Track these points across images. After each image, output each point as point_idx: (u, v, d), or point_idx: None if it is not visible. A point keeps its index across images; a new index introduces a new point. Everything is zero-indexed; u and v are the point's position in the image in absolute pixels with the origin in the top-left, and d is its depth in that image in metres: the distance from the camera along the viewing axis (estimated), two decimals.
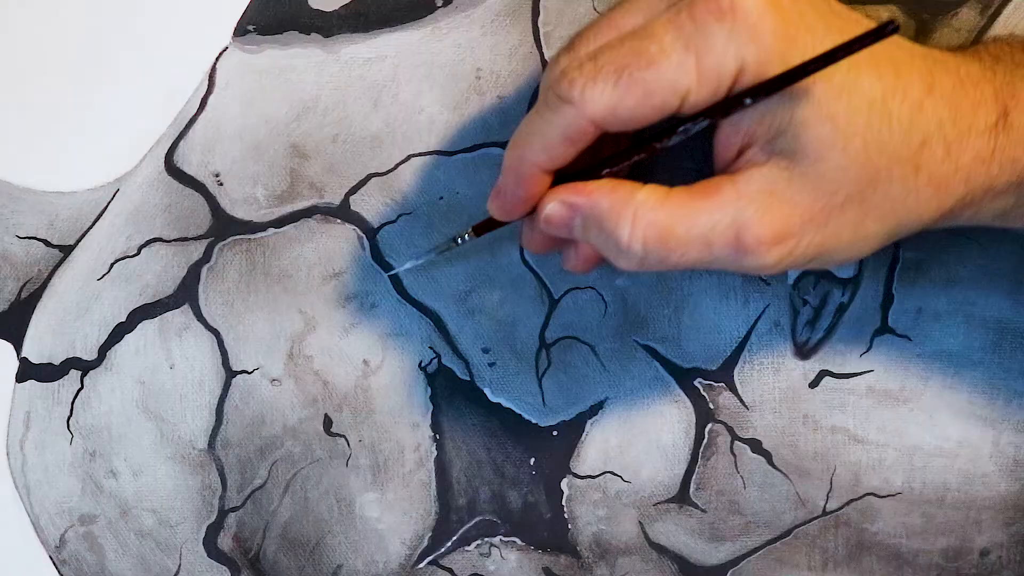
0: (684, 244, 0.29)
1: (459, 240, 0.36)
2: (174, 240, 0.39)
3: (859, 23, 0.29)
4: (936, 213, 0.30)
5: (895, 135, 0.29)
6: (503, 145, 0.38)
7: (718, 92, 0.28)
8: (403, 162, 0.38)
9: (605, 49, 0.29)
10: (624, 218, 0.30)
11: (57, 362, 0.39)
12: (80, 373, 0.39)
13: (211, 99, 0.38)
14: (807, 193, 0.29)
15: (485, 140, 0.38)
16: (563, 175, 0.32)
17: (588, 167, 0.31)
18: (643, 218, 0.29)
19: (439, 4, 0.38)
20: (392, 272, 0.38)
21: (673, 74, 0.28)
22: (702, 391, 0.38)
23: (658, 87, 0.28)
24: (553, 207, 0.31)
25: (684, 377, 0.38)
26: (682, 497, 0.39)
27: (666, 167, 0.36)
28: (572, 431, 0.39)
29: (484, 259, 0.38)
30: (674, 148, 0.30)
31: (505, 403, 0.39)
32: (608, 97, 0.28)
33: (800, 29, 0.28)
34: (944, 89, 0.29)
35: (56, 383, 0.39)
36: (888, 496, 0.38)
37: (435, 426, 0.39)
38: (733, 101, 0.28)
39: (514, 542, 0.39)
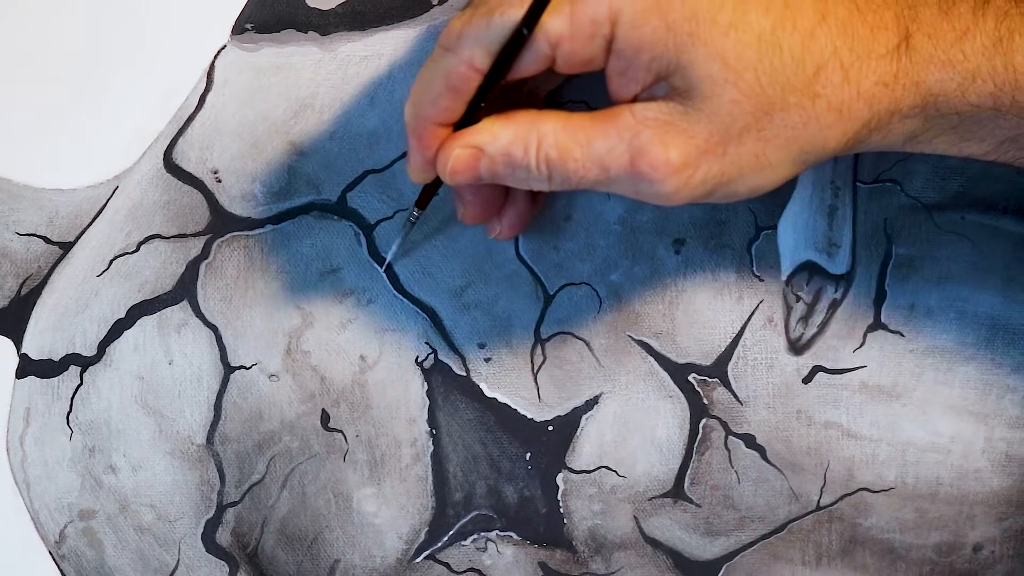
0: (583, 166, 0.30)
1: (411, 218, 0.36)
2: (173, 237, 0.39)
3: None
4: (842, 139, 0.30)
5: (787, 65, 0.29)
6: None
7: (593, 42, 0.29)
8: (399, 159, 0.38)
9: None
10: (530, 143, 0.30)
11: (57, 358, 0.39)
12: (79, 369, 0.39)
13: (209, 97, 0.39)
14: (703, 125, 0.29)
15: None
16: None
17: (467, 111, 0.31)
18: (545, 139, 0.30)
19: (434, 2, 0.38)
20: (385, 265, 0.38)
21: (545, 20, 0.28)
22: (696, 386, 0.38)
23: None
24: (457, 154, 0.31)
25: (678, 372, 0.38)
26: (677, 492, 0.39)
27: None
28: (567, 426, 0.39)
29: (479, 255, 0.38)
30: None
31: (501, 398, 0.39)
32: (482, 39, 0.29)
33: None
34: (838, 17, 0.29)
35: (56, 379, 0.39)
36: (881, 491, 0.38)
37: (431, 421, 0.39)
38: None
39: (510, 536, 0.39)
